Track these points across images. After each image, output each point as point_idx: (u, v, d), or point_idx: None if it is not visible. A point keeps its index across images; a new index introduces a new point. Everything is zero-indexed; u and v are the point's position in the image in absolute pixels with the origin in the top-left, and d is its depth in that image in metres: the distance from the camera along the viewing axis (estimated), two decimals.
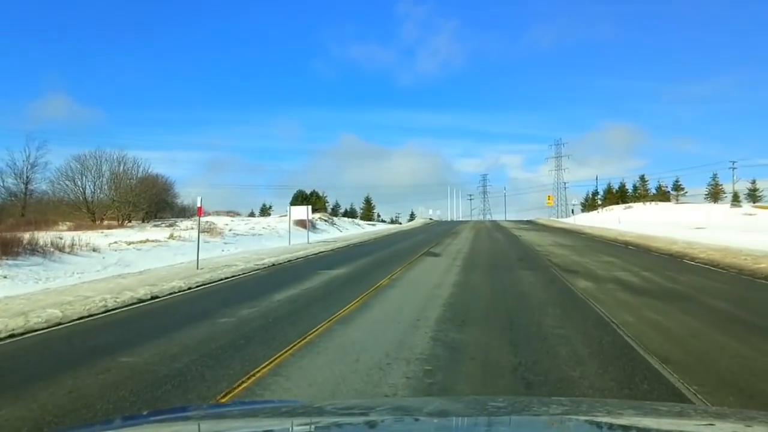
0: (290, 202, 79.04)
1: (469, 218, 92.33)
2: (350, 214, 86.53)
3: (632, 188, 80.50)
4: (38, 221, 31.47)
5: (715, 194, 68.55)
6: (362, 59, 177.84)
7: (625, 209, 63.82)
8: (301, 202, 79.33)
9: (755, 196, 63.75)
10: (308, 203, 76.69)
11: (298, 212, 28.11)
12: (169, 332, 7.23)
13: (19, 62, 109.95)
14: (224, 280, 13.08)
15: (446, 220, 78.89)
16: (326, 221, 47.50)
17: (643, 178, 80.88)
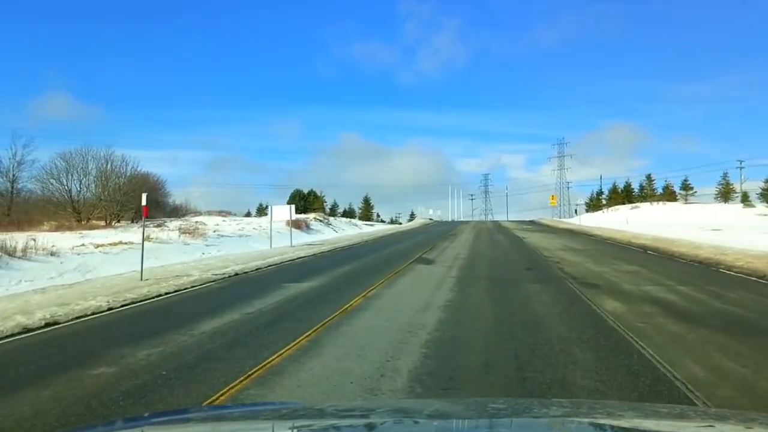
0: (287, 201, 76.70)
1: (470, 218, 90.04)
2: (349, 214, 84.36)
3: (638, 188, 78.14)
4: (21, 221, 29.90)
5: (725, 194, 65.92)
6: (364, 58, 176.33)
7: (631, 209, 61.27)
8: (298, 201, 76.96)
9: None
10: (306, 203, 74.82)
11: (280, 212, 25.53)
12: None
13: (18, 60, 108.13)
14: (160, 297, 10.51)
15: (447, 220, 76.47)
16: (321, 221, 45.42)
17: (649, 177, 78.49)
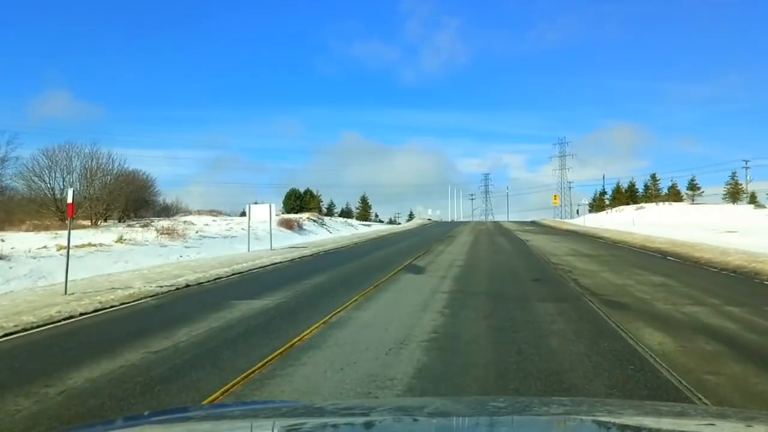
0: (283, 201, 74.38)
1: (470, 218, 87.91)
2: (346, 213, 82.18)
3: (643, 188, 75.79)
4: (2, 221, 28.12)
5: (734, 194, 63.66)
6: (365, 57, 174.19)
7: (637, 210, 58.91)
8: (294, 200, 74.71)
9: None
10: (301, 202, 72.41)
11: (259, 212, 23.29)
12: None
13: (18, 58, 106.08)
14: (62, 322, 8.09)
15: (446, 220, 74.32)
16: (315, 221, 43.28)
17: (654, 177, 76.25)
